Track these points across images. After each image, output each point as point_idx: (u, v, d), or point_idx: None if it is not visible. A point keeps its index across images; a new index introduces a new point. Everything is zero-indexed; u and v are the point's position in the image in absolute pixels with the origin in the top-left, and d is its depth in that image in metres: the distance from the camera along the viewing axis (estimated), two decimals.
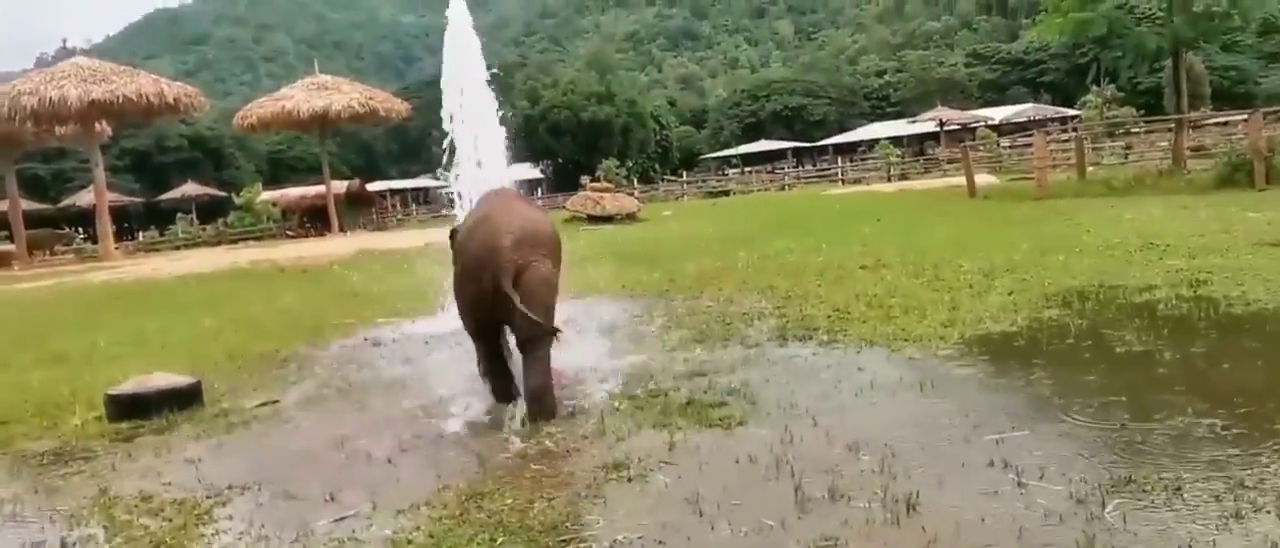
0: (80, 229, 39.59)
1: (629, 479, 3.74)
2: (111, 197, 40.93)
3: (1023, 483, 3.35)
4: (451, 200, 7.85)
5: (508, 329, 5.09)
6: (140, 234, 44.18)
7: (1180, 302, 6.38)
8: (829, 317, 6.82)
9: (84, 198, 36.92)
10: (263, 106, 31.25)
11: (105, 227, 26.83)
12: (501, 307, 4.78)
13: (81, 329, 10.15)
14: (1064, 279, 7.60)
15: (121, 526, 3.77)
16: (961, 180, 23.01)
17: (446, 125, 8.17)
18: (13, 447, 5.28)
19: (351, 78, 37.84)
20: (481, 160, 8.09)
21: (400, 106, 31.97)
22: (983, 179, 22.98)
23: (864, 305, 7.14)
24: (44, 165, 50.55)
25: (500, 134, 8.22)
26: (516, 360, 5.08)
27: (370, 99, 31.04)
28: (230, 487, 4.13)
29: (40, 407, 6.17)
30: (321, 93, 30.26)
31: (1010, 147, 37.84)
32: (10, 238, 31.00)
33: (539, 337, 4.76)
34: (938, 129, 51.03)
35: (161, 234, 41.73)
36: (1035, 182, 19.19)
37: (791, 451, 3.89)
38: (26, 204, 38.43)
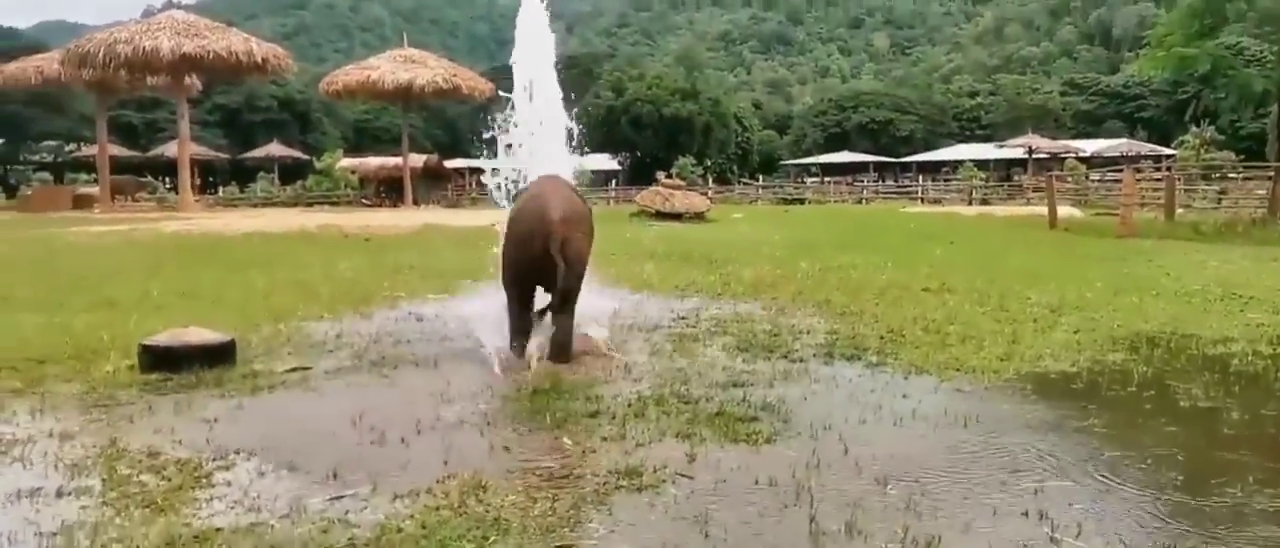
0: (166, 179, 40.60)
1: (640, 489, 3.55)
2: (199, 151, 41.96)
3: (1056, 538, 3.09)
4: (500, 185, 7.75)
5: (540, 290, 6.15)
6: (221, 189, 45.17)
7: (1257, 358, 5.99)
8: (881, 338, 6.55)
9: (171, 148, 37.76)
10: (349, 74, 31.66)
11: (185, 178, 27.39)
12: (544, 270, 5.81)
13: (139, 277, 10.26)
14: (1135, 322, 7.22)
15: (120, 480, 3.68)
16: (1044, 210, 22.37)
17: (519, 107, 8.09)
18: (41, 387, 5.27)
19: (443, 54, 38.18)
20: (540, 147, 7.97)
21: (484, 86, 32.09)
22: (1066, 211, 22.31)
23: (920, 329, 6.85)
24: (138, 114, 51.80)
25: (562, 122, 8.06)
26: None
27: (454, 76, 31.25)
28: (237, 452, 4.04)
29: (78, 350, 6.19)
30: (407, 66, 30.53)
31: (1099, 180, 36.79)
32: (97, 181, 31.85)
33: (572, 297, 5.91)
34: (1026, 156, 49.93)
35: (242, 191, 42.61)
36: (1119, 218, 18.55)
37: (815, 476, 3.67)
38: (117, 150, 39.59)
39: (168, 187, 38.06)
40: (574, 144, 8.30)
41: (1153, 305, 8.13)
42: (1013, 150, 51.32)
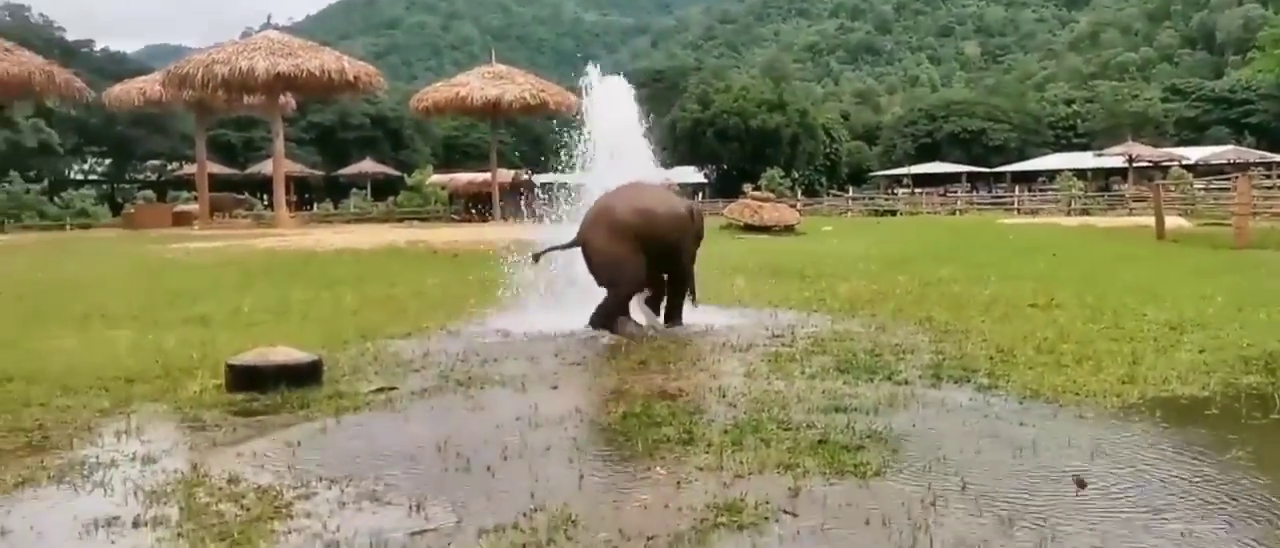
0: (263, 195, 41.52)
1: (741, 527, 3.28)
2: (295, 168, 42.91)
3: None
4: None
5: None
6: (316, 205, 46.09)
7: None
8: (991, 358, 6.18)
9: (268, 166, 38.60)
10: (438, 91, 31.96)
11: (280, 195, 27.92)
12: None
13: (231, 294, 10.35)
14: (1267, 341, 6.71)
15: (198, 509, 3.55)
16: (1148, 221, 21.47)
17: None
18: (129, 407, 5.23)
19: (530, 70, 38.40)
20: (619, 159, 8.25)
21: (570, 101, 32.05)
22: (1173, 221, 21.38)
23: (1032, 349, 6.45)
24: (236, 132, 53.09)
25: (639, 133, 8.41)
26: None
27: (541, 91, 31.30)
28: (320, 479, 3.88)
29: (168, 368, 6.17)
30: (495, 82, 30.71)
31: (1205, 189, 35.33)
32: (197, 199, 32.69)
33: (602, 284, 7.56)
34: (1126, 165, 48.28)
35: (335, 207, 43.38)
36: (1234, 228, 17.67)
37: (933, 515, 3.36)
38: (216, 168, 40.63)
39: (264, 203, 38.88)
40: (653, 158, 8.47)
41: None
42: (1112, 159, 49.67)
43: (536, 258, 7.86)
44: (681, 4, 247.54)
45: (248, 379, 5.50)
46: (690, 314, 7.85)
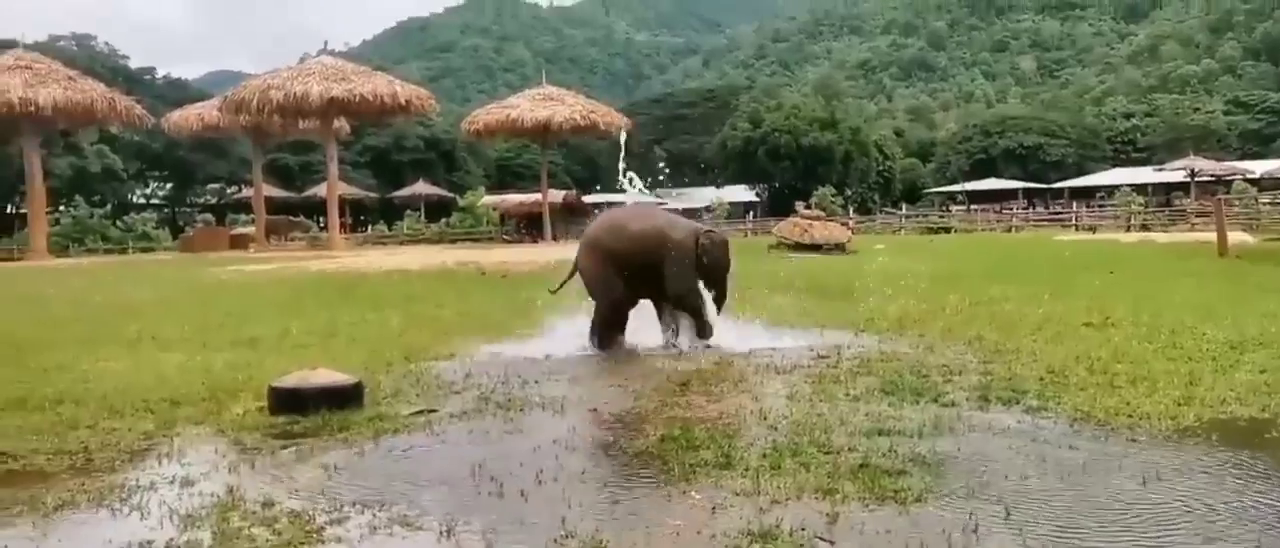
0: (319, 218, 42.11)
1: None
2: (350, 190, 43.51)
3: None
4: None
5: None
6: (371, 227, 46.66)
7: None
8: (1041, 380, 6.02)
9: (324, 189, 39.13)
10: (490, 114, 32.23)
11: (333, 217, 28.29)
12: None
13: (281, 316, 10.44)
14: None
15: (231, 533, 3.55)
16: (1211, 236, 20.97)
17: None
18: (172, 430, 5.27)
19: (581, 91, 38.62)
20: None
21: (621, 121, 32.22)
22: (1236, 237, 20.85)
23: (1084, 370, 6.28)
24: (293, 156, 53.99)
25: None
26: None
27: (592, 112, 31.45)
28: (354, 503, 3.87)
29: (213, 391, 6.21)
30: (546, 103, 30.90)
31: (1270, 204, 34.48)
32: (253, 222, 33.25)
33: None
34: (1187, 179, 47.34)
35: (390, 228, 43.88)
36: None
37: (975, 544, 3.25)
38: (272, 191, 41.36)
39: (320, 226, 39.46)
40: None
41: None
42: (1173, 173, 48.77)
43: (553, 292, 8.34)
44: (732, 23, 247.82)
45: (290, 402, 5.52)
46: (731, 337, 7.76)
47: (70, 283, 16.34)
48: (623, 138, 9.00)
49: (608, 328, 7.83)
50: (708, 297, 7.67)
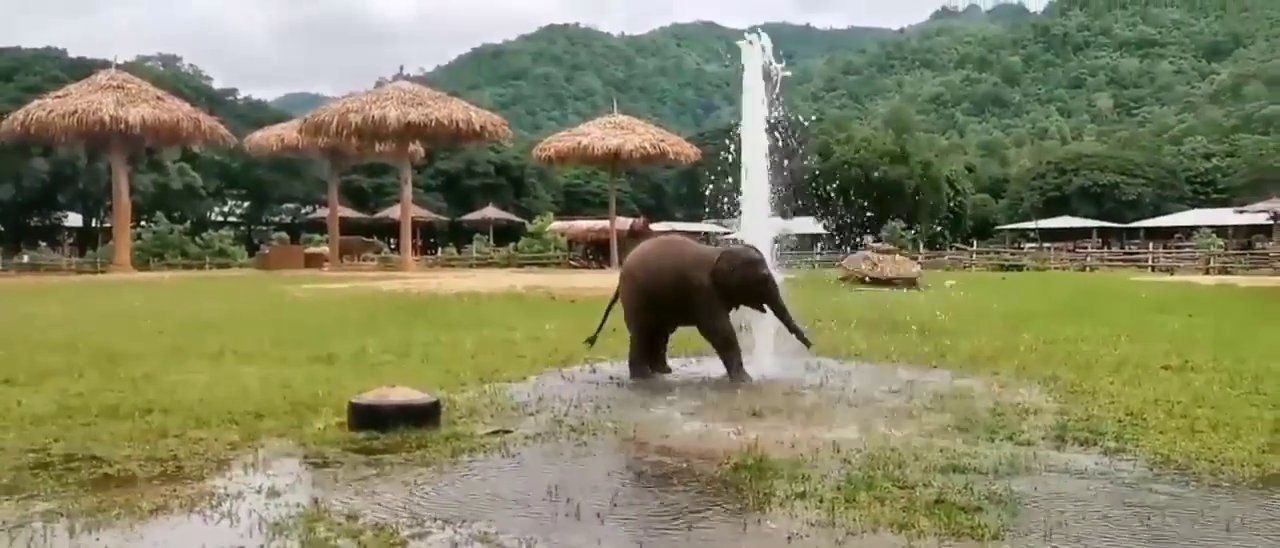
0: (391, 239, 42.82)
1: None
2: (422, 213, 44.19)
3: None
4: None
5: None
6: (440, 250, 47.29)
7: None
8: (1119, 421, 5.93)
9: (396, 211, 39.90)
10: (561, 141, 32.62)
11: (406, 239, 28.79)
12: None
13: (356, 333, 10.66)
14: None
15: (317, 543, 3.66)
16: None
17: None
18: (256, 441, 5.43)
19: (650, 120, 38.89)
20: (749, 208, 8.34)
21: (690, 151, 32.42)
22: None
23: (1163, 413, 6.18)
24: (367, 178, 55.00)
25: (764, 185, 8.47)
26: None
27: (661, 142, 31.68)
28: (434, 519, 3.96)
29: (294, 405, 6.37)
30: (616, 132, 31.19)
31: None
32: (327, 241, 33.90)
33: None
34: (1270, 222, 46.07)
35: (459, 252, 44.43)
36: None
37: None
38: (346, 212, 42.14)
39: (392, 247, 40.11)
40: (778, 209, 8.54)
41: None
42: (1255, 215, 47.46)
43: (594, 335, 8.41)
44: (804, 55, 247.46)
45: (369, 418, 5.64)
46: (798, 368, 7.76)
47: (154, 297, 16.84)
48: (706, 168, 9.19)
49: (640, 357, 7.91)
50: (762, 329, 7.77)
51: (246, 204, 57.94)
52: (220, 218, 55.78)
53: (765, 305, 7.72)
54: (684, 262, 7.82)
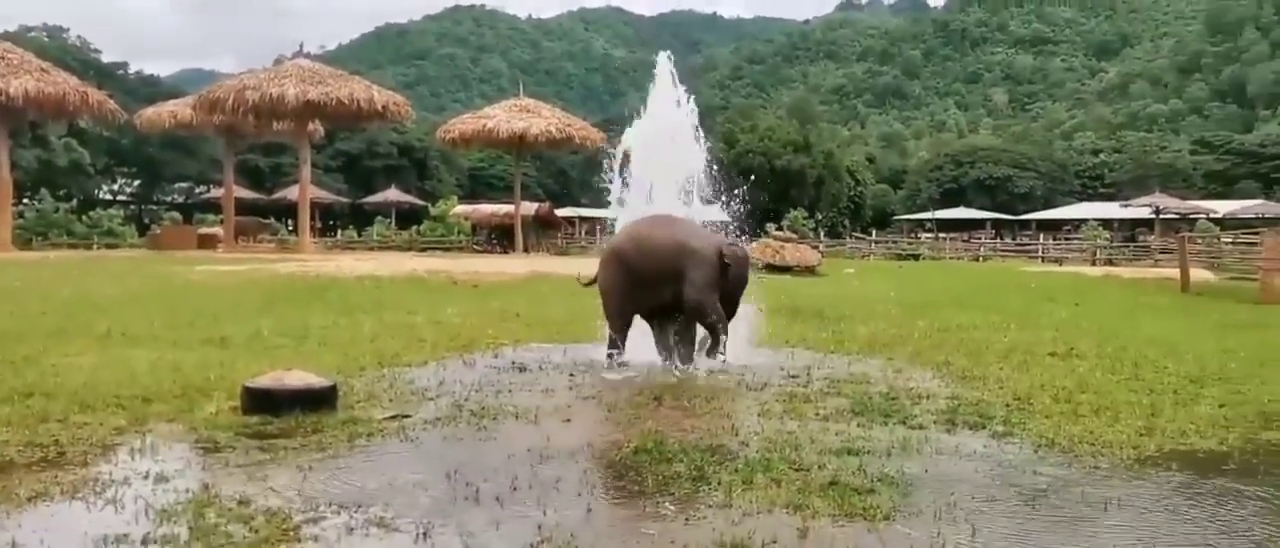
0: (288, 221, 41.88)
1: None
2: (320, 194, 43.30)
3: None
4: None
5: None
6: (340, 232, 46.43)
7: None
8: (1007, 406, 6.13)
9: (294, 192, 39.04)
10: (465, 123, 32.26)
11: (304, 221, 28.16)
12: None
13: (252, 316, 10.41)
14: None
15: (207, 529, 3.56)
16: (1173, 273, 21.34)
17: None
18: (144, 426, 5.26)
19: (557, 104, 38.70)
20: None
21: (596, 136, 32.36)
22: (1198, 275, 21.21)
23: (1049, 398, 6.40)
24: (264, 158, 53.72)
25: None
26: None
27: (567, 126, 31.56)
28: (329, 504, 3.90)
29: (184, 389, 6.20)
30: (522, 115, 30.97)
31: (1232, 243, 35.04)
32: (222, 222, 33.02)
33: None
34: (1153, 216, 48.07)
35: (359, 234, 43.68)
36: (1260, 284, 17.52)
37: None
38: (242, 193, 41.07)
39: (289, 228, 39.22)
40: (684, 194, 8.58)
41: None
42: (1139, 210, 49.50)
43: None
44: (710, 43, 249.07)
45: (263, 402, 5.52)
46: (701, 355, 7.81)
47: (37, 276, 16.18)
48: (620, 151, 9.00)
49: (614, 341, 7.82)
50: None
51: (137, 183, 56.12)
52: (109, 197, 53.91)
53: (726, 307, 7.75)
54: (691, 237, 7.76)
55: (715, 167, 9.21)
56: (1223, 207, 52.15)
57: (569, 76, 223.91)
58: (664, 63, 9.36)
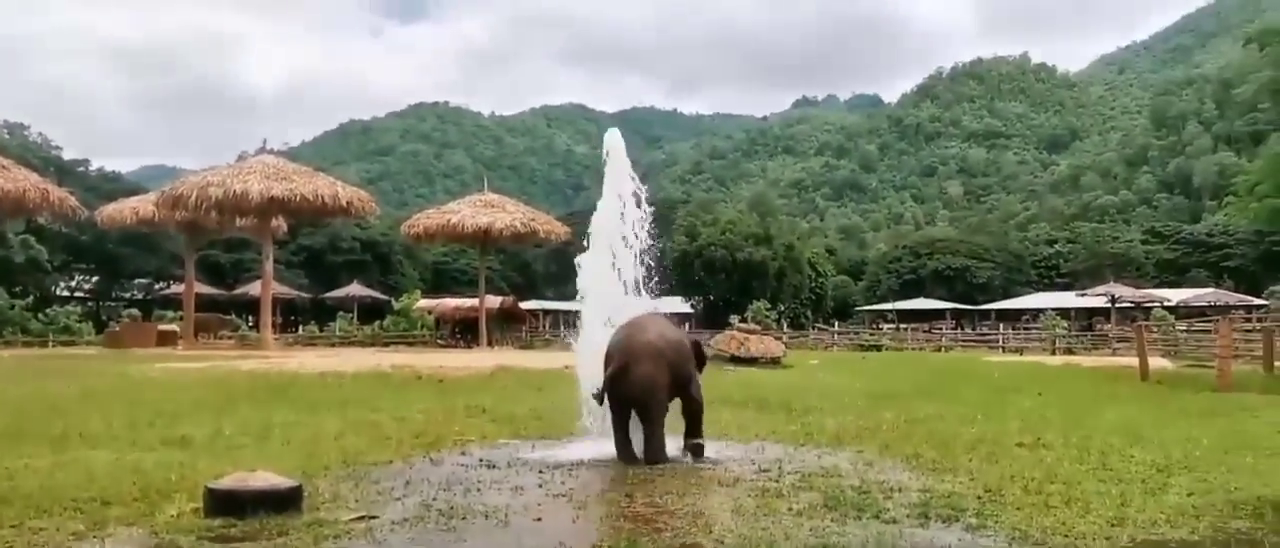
0: (249, 316, 41.47)
1: None
2: (282, 290, 42.98)
3: None
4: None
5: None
6: (302, 327, 45.97)
7: None
8: (979, 498, 6.12)
9: (256, 288, 38.74)
10: (430, 218, 32.34)
11: (266, 317, 27.91)
12: None
13: (213, 415, 10.24)
14: (1254, 485, 6.68)
15: None
16: (1132, 361, 21.59)
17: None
18: (103, 531, 5.13)
19: (521, 199, 38.95)
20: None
21: (560, 230, 32.55)
22: (1156, 363, 21.50)
23: (1019, 489, 6.41)
24: (225, 254, 53.32)
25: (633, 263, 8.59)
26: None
27: (532, 220, 31.74)
28: None
29: (145, 491, 6.08)
30: (487, 210, 31.13)
31: (1187, 331, 35.60)
32: (181, 319, 32.61)
33: (646, 415, 7.54)
34: (1108, 305, 48.75)
35: (321, 330, 43.26)
36: (1217, 371, 17.76)
37: None
38: (203, 289, 40.66)
39: (250, 325, 38.82)
40: (644, 288, 8.61)
41: (1270, 466, 7.56)
42: (1095, 299, 50.17)
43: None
44: (671, 139, 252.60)
45: (226, 504, 5.40)
46: (673, 449, 7.73)
47: None
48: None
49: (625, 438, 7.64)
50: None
51: (95, 279, 55.35)
52: (66, 293, 53.09)
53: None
54: (680, 334, 8.27)
55: (674, 259, 9.35)
56: (1176, 295, 52.96)
57: (532, 172, 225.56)
58: (614, 138, 9.49)
